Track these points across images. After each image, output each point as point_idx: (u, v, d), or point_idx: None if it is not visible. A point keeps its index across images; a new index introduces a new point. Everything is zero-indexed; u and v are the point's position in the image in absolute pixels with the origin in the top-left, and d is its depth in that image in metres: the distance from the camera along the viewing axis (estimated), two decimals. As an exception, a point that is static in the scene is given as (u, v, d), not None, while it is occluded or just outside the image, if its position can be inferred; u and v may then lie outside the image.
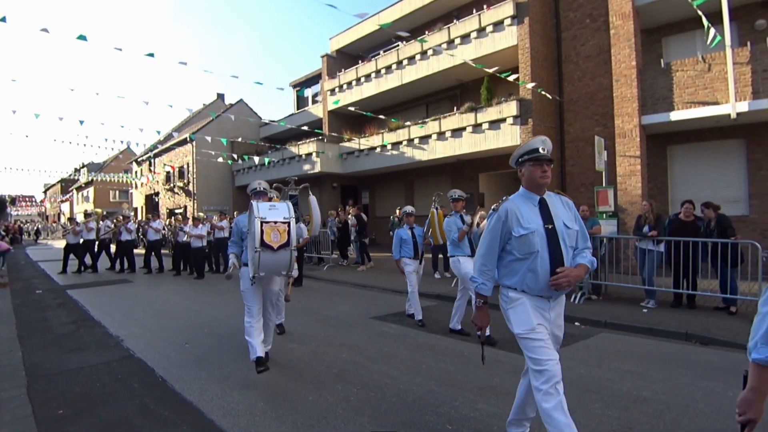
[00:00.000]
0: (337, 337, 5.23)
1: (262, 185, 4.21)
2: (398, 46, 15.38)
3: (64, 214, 47.91)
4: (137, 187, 31.79)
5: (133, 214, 14.36)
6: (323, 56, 18.93)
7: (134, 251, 12.90)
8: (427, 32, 13.98)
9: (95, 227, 12.46)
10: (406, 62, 14.84)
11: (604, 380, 3.73)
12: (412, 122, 14.45)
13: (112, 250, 13.27)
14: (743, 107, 8.31)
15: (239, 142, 18.88)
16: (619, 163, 9.66)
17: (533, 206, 2.35)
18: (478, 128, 12.54)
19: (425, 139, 14.01)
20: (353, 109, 14.42)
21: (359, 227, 12.21)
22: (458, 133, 13.04)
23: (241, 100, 25.36)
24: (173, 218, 17.54)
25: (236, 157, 19.75)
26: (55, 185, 58.73)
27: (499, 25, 12.13)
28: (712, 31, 7.49)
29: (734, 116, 8.40)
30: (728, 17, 8.15)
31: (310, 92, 21.60)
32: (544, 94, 11.18)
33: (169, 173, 25.15)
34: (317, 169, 16.93)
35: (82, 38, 7.41)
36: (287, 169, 18.04)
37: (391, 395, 3.46)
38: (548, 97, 11.38)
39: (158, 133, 15.51)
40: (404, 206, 6.50)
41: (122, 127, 19.86)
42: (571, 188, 11.91)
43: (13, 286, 9.76)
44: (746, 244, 5.75)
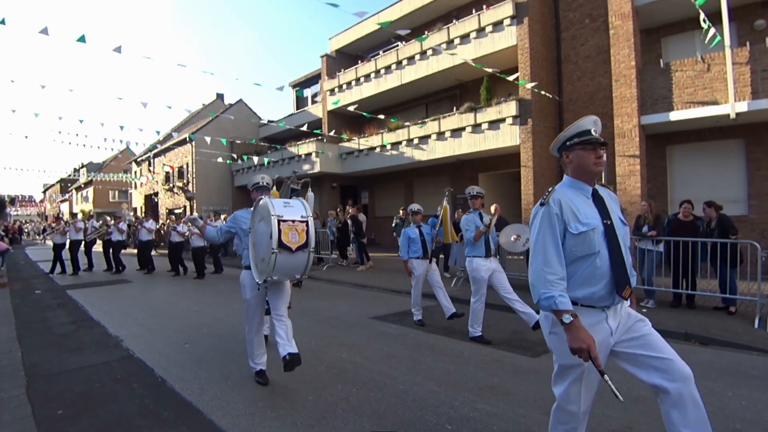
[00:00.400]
0: (336, 337, 5.23)
1: (265, 180, 3.90)
2: (398, 46, 15.39)
3: (63, 214, 47.87)
4: (137, 187, 31.79)
5: (132, 214, 14.33)
6: (323, 56, 18.94)
7: (122, 251, 12.48)
8: (426, 32, 13.98)
9: (83, 227, 12.19)
10: (405, 62, 14.85)
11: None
12: (411, 122, 14.46)
13: (94, 251, 12.90)
14: (742, 107, 8.32)
15: (239, 142, 18.88)
16: (618, 163, 9.67)
17: (586, 198, 2.01)
18: (477, 128, 12.56)
19: (425, 139, 14.02)
20: (353, 109, 14.42)
21: (356, 228, 12.23)
22: (458, 133, 13.06)
23: (240, 100, 25.37)
24: (166, 218, 17.35)
25: (236, 157, 19.74)
26: (54, 185, 58.70)
27: (498, 25, 12.15)
28: (711, 30, 7.49)
29: (733, 116, 8.42)
30: (727, 17, 8.16)
31: (309, 92, 21.60)
32: (543, 94, 11.19)
33: (168, 173, 25.14)
34: (317, 169, 16.93)
35: (81, 40, 7.37)
36: (287, 169, 18.03)
37: (390, 395, 3.46)
38: (549, 96, 11.39)
39: (158, 133, 15.50)
40: (408, 206, 6.38)
41: (122, 128, 19.88)
42: (570, 188, 11.91)
43: (12, 286, 9.75)
44: (745, 244, 5.76)
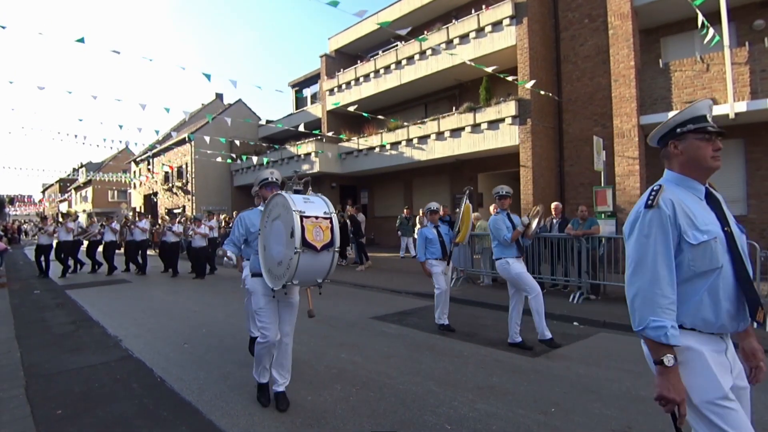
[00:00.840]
0: (336, 337, 5.23)
1: (274, 175, 3.57)
2: (397, 46, 15.39)
3: (62, 213, 47.84)
4: (136, 187, 31.76)
5: (131, 214, 14.24)
6: (322, 56, 18.93)
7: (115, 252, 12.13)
8: (426, 32, 13.98)
9: (74, 227, 11.87)
10: (404, 62, 14.84)
11: (603, 380, 3.74)
12: (410, 122, 14.46)
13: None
14: (742, 107, 8.32)
15: (238, 142, 18.88)
16: (617, 163, 9.68)
17: (699, 200, 1.60)
18: (476, 128, 12.56)
19: (424, 139, 14.01)
20: (352, 109, 14.42)
21: (354, 228, 12.25)
22: (457, 133, 13.06)
23: (239, 100, 25.37)
24: (160, 218, 17.10)
25: (235, 156, 19.73)
26: (53, 185, 58.63)
27: (497, 25, 12.14)
28: (710, 31, 7.50)
29: (733, 116, 8.42)
30: (727, 17, 8.17)
31: (308, 92, 21.59)
32: (543, 93, 11.20)
33: (167, 173, 25.13)
34: (316, 168, 16.92)
35: (80, 41, 7.36)
36: (286, 169, 18.02)
37: (390, 395, 3.46)
38: (548, 96, 11.40)
39: (157, 132, 15.49)
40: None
41: (121, 127, 19.84)
42: (569, 188, 11.93)
43: (11, 286, 9.74)
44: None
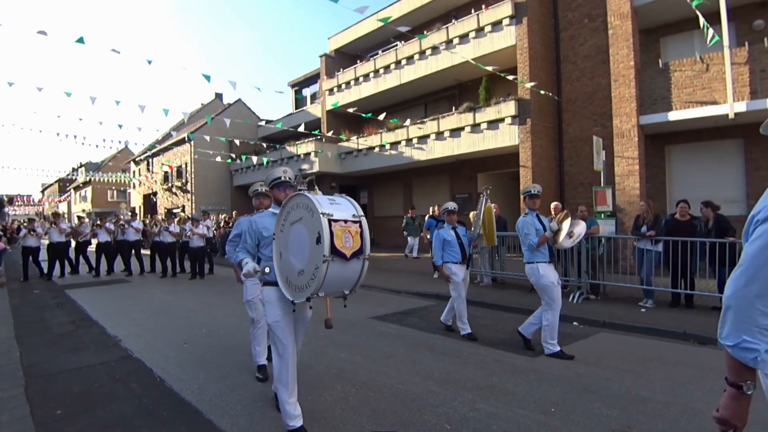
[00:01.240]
0: (335, 337, 5.22)
1: (288, 174, 3.21)
2: (397, 45, 15.38)
3: (54, 213, 47.76)
4: (135, 186, 31.74)
5: (131, 213, 14.15)
6: (322, 56, 18.92)
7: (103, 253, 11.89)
8: (426, 32, 13.98)
9: (66, 228, 11.67)
10: (404, 62, 14.84)
11: (602, 380, 3.74)
12: (410, 122, 14.46)
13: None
14: (741, 107, 8.33)
15: (238, 142, 18.89)
16: (617, 163, 9.69)
17: None
18: (476, 128, 12.56)
19: (424, 138, 14.01)
20: (351, 109, 14.41)
21: None
22: (457, 133, 13.06)
23: (239, 99, 25.36)
24: (153, 218, 16.81)
25: (234, 156, 19.72)
26: (52, 185, 58.57)
27: (497, 25, 12.14)
28: (710, 30, 7.50)
29: (732, 116, 8.43)
30: (726, 17, 8.18)
31: (308, 92, 21.58)
32: (542, 93, 11.20)
33: (167, 173, 25.12)
34: (316, 168, 16.91)
35: (80, 41, 7.36)
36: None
37: (390, 395, 3.46)
38: (548, 96, 11.40)
39: (157, 131, 15.48)
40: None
41: (120, 126, 19.75)
42: (569, 188, 11.94)
43: (11, 285, 9.73)
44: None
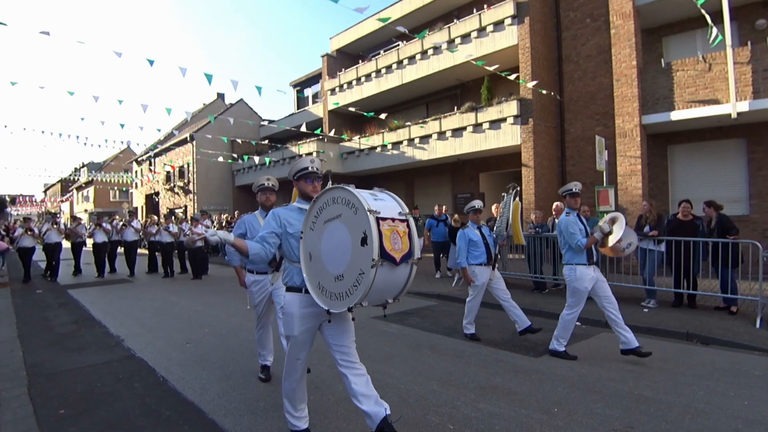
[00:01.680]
0: (338, 336, 5.22)
1: (316, 164, 2.75)
2: (398, 45, 15.38)
3: (63, 213, 47.91)
4: (137, 186, 31.80)
5: (128, 214, 14.03)
6: (323, 56, 18.93)
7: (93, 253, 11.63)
8: (427, 32, 13.97)
9: (63, 229, 11.57)
10: (406, 62, 14.83)
11: (605, 380, 3.74)
12: (412, 122, 14.45)
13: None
14: (744, 107, 8.31)
15: (240, 141, 18.93)
16: (619, 162, 9.67)
17: None
18: (478, 128, 12.55)
19: (425, 138, 14.01)
20: (353, 109, 14.41)
21: None
22: (459, 132, 13.05)
23: (241, 99, 25.42)
24: (150, 217, 16.54)
25: (236, 156, 19.74)
26: (55, 185, 58.72)
27: (499, 24, 12.14)
28: (713, 30, 7.48)
29: (735, 116, 8.41)
30: (729, 17, 8.16)
31: (310, 92, 21.60)
32: (544, 93, 11.18)
33: (169, 173, 25.17)
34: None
35: (81, 43, 7.52)
36: (287, 168, 18.00)
37: (392, 395, 3.46)
38: (550, 95, 11.38)
39: (159, 130, 15.51)
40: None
41: (122, 126, 19.84)
42: (571, 188, 11.91)
43: (13, 285, 9.75)
44: (747, 243, 5.75)
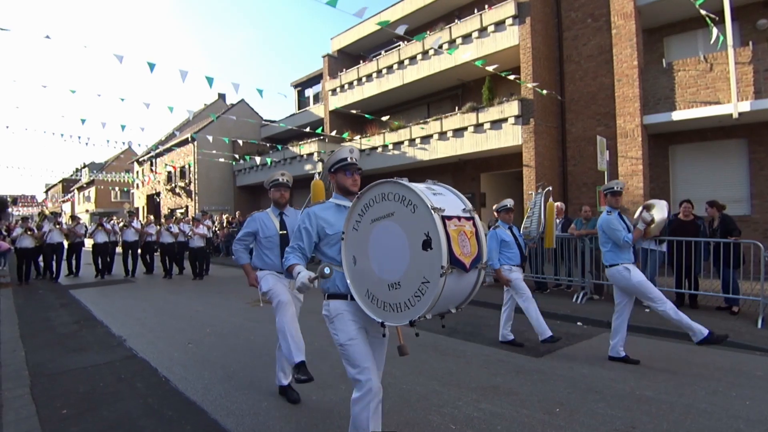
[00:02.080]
0: (339, 336, 5.22)
1: (354, 154, 2.53)
2: (399, 46, 15.37)
3: (65, 213, 48.02)
4: (138, 187, 31.83)
5: (129, 214, 13.98)
6: (324, 56, 18.92)
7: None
8: (428, 32, 13.97)
9: (65, 228, 11.38)
10: (407, 62, 14.82)
11: (606, 380, 3.74)
12: (413, 122, 14.44)
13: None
14: (745, 107, 8.30)
15: (241, 142, 18.95)
16: (620, 163, 9.66)
17: None
18: (479, 128, 12.54)
19: (427, 139, 14.00)
20: (355, 110, 14.41)
21: None
22: (460, 133, 13.04)
23: (242, 100, 25.41)
24: (147, 217, 16.53)
25: (238, 157, 19.75)
26: (56, 185, 58.79)
27: (500, 24, 12.12)
28: (715, 30, 7.48)
29: (736, 116, 8.39)
30: (730, 17, 8.15)
31: (311, 92, 21.60)
32: (545, 93, 11.18)
33: (170, 173, 25.20)
34: (319, 169, 16.91)
35: (84, 47, 7.64)
36: (288, 169, 18.03)
37: (394, 395, 3.47)
38: (551, 95, 11.38)
39: (160, 131, 15.50)
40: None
41: (123, 127, 19.85)
42: (572, 188, 11.91)
43: (15, 286, 9.78)
44: (748, 244, 5.75)
